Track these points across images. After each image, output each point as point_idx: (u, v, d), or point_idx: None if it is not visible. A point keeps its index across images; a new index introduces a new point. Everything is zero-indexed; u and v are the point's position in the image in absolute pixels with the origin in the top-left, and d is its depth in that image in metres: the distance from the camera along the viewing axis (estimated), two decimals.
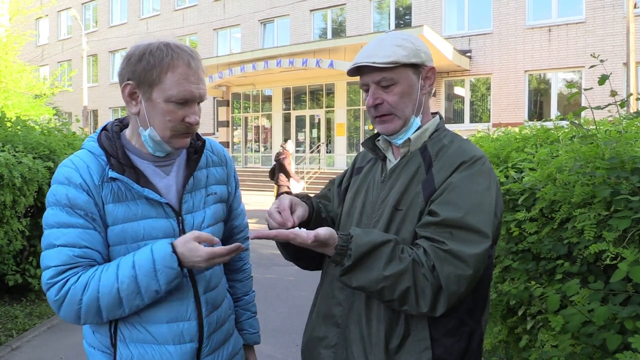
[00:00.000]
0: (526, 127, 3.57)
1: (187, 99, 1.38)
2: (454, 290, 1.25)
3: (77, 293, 1.32)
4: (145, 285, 1.34)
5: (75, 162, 1.42)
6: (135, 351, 1.44)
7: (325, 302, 1.55)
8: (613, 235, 1.77)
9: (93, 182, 1.39)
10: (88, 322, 1.38)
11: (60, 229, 1.36)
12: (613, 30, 15.60)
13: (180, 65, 1.36)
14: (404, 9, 20.08)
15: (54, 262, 1.35)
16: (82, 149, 1.48)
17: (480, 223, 1.28)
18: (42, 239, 1.41)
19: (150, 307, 1.42)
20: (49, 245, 1.37)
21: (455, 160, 1.37)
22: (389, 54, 1.39)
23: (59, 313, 1.37)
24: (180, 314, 1.46)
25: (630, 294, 1.78)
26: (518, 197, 2.45)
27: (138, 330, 1.44)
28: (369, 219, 1.47)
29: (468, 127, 17.00)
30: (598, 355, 1.87)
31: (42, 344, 4.33)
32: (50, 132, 5.68)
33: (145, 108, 1.40)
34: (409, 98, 1.43)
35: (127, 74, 1.40)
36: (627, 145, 1.95)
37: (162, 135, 1.41)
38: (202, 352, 1.51)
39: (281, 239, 1.27)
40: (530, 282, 2.24)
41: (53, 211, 1.39)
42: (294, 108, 22.31)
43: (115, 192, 1.41)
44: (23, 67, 18.57)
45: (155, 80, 1.36)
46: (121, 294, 1.33)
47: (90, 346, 1.51)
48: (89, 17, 31.23)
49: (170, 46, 1.37)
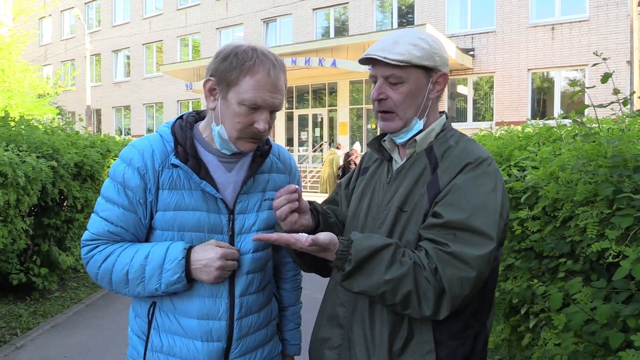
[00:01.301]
0: (529, 126, 3.56)
1: (259, 105, 1.40)
2: (457, 293, 1.23)
3: (98, 260, 1.46)
4: (149, 277, 1.42)
5: (143, 145, 1.48)
6: (166, 341, 1.50)
7: (330, 303, 1.55)
8: (615, 234, 1.76)
9: (153, 166, 1.45)
10: (102, 285, 1.50)
11: (107, 203, 1.47)
12: (617, 28, 15.53)
13: (260, 72, 1.39)
14: (407, 8, 20.05)
15: (92, 228, 1.48)
16: (155, 133, 1.55)
17: (484, 225, 1.26)
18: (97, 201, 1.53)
19: (185, 300, 1.48)
20: (95, 212, 1.50)
21: (460, 161, 1.35)
22: (402, 51, 1.37)
23: (85, 268, 1.52)
24: (212, 312, 1.48)
25: (633, 292, 1.78)
26: (521, 196, 2.45)
27: (171, 321, 1.49)
28: (374, 220, 1.46)
29: (471, 126, 16.97)
30: (601, 353, 1.87)
31: (46, 342, 4.35)
32: (54, 131, 5.70)
33: (220, 106, 1.44)
34: (414, 99, 1.41)
35: (211, 69, 1.45)
36: (629, 144, 1.95)
37: (230, 135, 1.45)
38: (231, 353, 1.52)
39: (282, 242, 1.26)
40: (532, 281, 2.24)
41: (109, 183, 1.49)
42: (297, 107, 22.31)
43: (174, 180, 1.46)
44: (26, 66, 18.60)
45: (234, 82, 1.40)
46: (128, 276, 1.43)
47: (131, 330, 1.60)
48: (92, 16, 31.26)
49: (256, 51, 1.41)
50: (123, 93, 29.02)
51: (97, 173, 5.76)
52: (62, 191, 5.17)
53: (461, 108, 18.90)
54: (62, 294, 5.56)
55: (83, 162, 5.45)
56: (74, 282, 5.99)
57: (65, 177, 5.05)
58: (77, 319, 4.96)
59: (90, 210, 5.76)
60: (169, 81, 25.98)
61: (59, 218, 5.26)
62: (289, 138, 22.51)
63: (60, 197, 5.30)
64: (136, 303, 1.58)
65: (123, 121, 29.74)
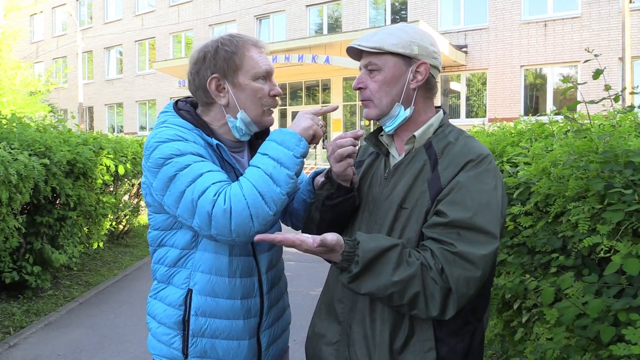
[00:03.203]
0: (521, 122, 3.58)
1: (269, 72, 1.54)
2: (464, 293, 1.23)
3: (236, 192, 1.35)
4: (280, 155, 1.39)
5: (175, 127, 1.48)
6: (208, 324, 1.53)
7: (328, 299, 1.55)
8: (607, 228, 1.77)
9: (200, 142, 1.48)
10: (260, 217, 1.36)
11: (201, 163, 1.40)
12: (609, 25, 15.62)
13: (251, 46, 1.53)
14: (400, 4, 20.06)
15: (212, 180, 1.37)
16: (170, 124, 1.51)
17: (488, 224, 1.26)
18: (174, 184, 1.39)
19: (224, 282, 1.52)
20: (197, 175, 1.38)
21: (462, 158, 1.34)
22: (377, 39, 1.40)
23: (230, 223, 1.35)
24: (249, 291, 1.58)
25: (623, 287, 1.80)
26: (513, 191, 2.46)
27: (211, 305, 1.53)
28: (372, 215, 1.46)
29: (464, 122, 17.03)
30: (592, 347, 1.88)
31: (40, 341, 4.33)
32: (46, 129, 5.66)
33: (234, 94, 1.52)
34: (390, 87, 1.41)
35: (209, 70, 1.51)
36: (620, 139, 1.96)
37: (255, 114, 1.54)
38: (262, 326, 1.62)
39: (287, 244, 1.24)
40: (525, 276, 2.26)
41: (183, 157, 1.40)
42: (290, 104, 22.29)
43: (212, 157, 1.49)
44: (18, 63, 18.51)
45: (238, 65, 1.50)
46: (268, 172, 1.37)
47: (160, 325, 1.57)
48: (84, 13, 31.08)
49: (233, 35, 1.54)
50: (115, 90, 28.88)
51: (90, 171, 5.73)
52: (54, 189, 5.14)
53: (454, 104, 18.95)
54: (56, 292, 5.54)
55: (76, 160, 5.42)
56: (67, 281, 5.96)
57: (57, 175, 5.03)
58: (71, 317, 4.94)
59: (83, 207, 5.74)
60: (161, 78, 25.87)
61: (52, 216, 5.23)
62: None
63: (52, 195, 5.27)
64: (167, 293, 1.57)
65: (116, 118, 29.60)
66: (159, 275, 1.59)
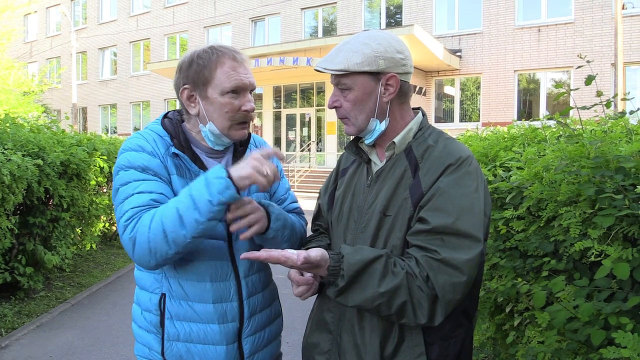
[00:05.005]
0: (514, 127, 3.60)
1: (239, 87, 1.52)
2: (451, 299, 1.24)
3: (145, 222, 1.37)
4: (198, 197, 1.36)
5: (145, 135, 1.55)
6: (182, 329, 1.54)
7: (319, 308, 1.56)
8: (598, 233, 1.79)
9: (161, 152, 1.52)
10: (158, 254, 1.38)
11: (137, 182, 1.45)
12: (601, 30, 15.74)
13: (226, 61, 1.52)
14: (395, 8, 20.12)
15: (132, 204, 1.42)
16: (147, 129, 1.60)
17: (471, 227, 1.26)
18: (115, 198, 1.48)
19: (197, 286, 1.53)
20: (127, 195, 1.44)
21: (441, 162, 1.34)
22: (341, 60, 1.37)
23: (133, 252, 1.40)
24: (225, 295, 1.56)
25: (614, 290, 1.81)
26: (506, 196, 2.47)
27: (184, 309, 1.53)
28: (357, 224, 1.45)
29: (458, 126, 17.09)
30: (583, 350, 1.90)
31: (31, 342, 4.31)
32: (40, 129, 5.64)
33: (203, 106, 1.54)
34: (364, 105, 1.40)
35: (182, 80, 1.55)
36: (611, 145, 1.98)
37: (222, 127, 1.54)
38: (243, 332, 1.60)
39: (272, 261, 1.25)
40: (517, 280, 2.27)
41: (128, 172, 1.47)
42: (285, 106, 22.27)
43: (178, 167, 1.54)
44: (11, 63, 18.41)
45: (208, 79, 1.51)
46: (180, 212, 1.36)
47: (139, 327, 1.62)
48: (78, 13, 30.98)
49: (214, 47, 1.54)
50: (109, 91, 28.77)
51: (84, 172, 5.71)
52: (47, 190, 5.12)
53: (448, 109, 19.01)
54: (48, 294, 5.51)
55: (69, 161, 5.41)
56: (60, 282, 5.94)
57: (51, 176, 5.01)
58: (63, 318, 4.92)
59: (76, 209, 5.72)
60: (156, 79, 25.81)
61: (45, 217, 5.21)
62: (277, 137, 22.46)
63: (46, 196, 5.26)
64: (143, 297, 1.60)
65: (110, 119, 29.49)
66: (137, 280, 1.64)
